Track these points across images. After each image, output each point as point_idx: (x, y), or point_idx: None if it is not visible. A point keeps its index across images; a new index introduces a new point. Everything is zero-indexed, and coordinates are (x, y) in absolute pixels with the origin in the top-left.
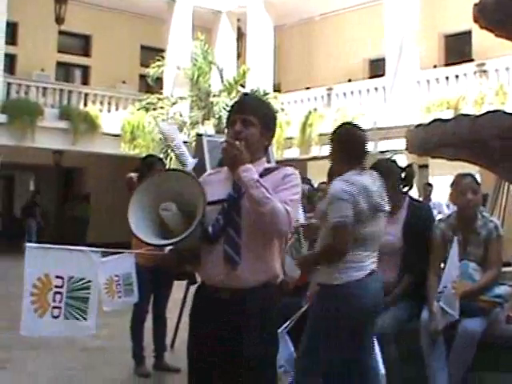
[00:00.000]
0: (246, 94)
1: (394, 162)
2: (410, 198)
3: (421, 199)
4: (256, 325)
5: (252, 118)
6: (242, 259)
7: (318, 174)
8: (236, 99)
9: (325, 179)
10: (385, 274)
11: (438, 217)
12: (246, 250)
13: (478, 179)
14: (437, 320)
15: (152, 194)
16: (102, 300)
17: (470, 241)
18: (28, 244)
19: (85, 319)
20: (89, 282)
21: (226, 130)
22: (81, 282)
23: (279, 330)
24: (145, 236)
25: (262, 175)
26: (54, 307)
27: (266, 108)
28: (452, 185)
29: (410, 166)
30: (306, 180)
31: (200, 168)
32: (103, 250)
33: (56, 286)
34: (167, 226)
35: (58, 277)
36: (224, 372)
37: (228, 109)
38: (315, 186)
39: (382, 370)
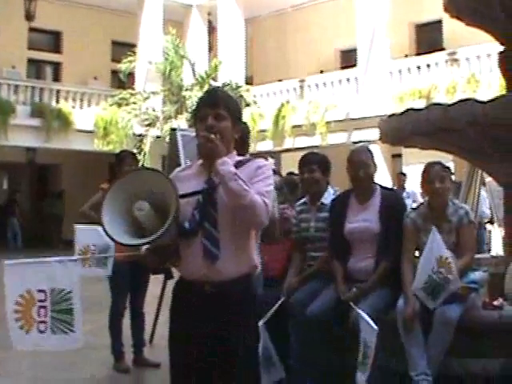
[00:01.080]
0: (213, 88)
1: (370, 151)
2: (381, 186)
3: (395, 188)
4: (238, 316)
5: (223, 111)
6: (222, 252)
7: (293, 165)
8: (204, 93)
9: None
10: (364, 261)
11: (413, 206)
12: (224, 243)
13: (452, 168)
14: (411, 306)
15: (124, 195)
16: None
17: (442, 228)
18: (6, 262)
19: (72, 331)
20: (69, 292)
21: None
22: (62, 293)
23: (259, 323)
24: (119, 236)
25: (235, 167)
26: (40, 322)
27: (234, 101)
28: (422, 174)
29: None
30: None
31: (175, 162)
32: (82, 257)
33: (39, 301)
34: (142, 225)
35: (40, 291)
36: (208, 364)
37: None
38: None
39: None
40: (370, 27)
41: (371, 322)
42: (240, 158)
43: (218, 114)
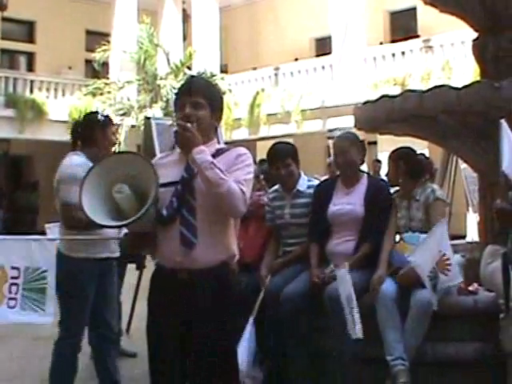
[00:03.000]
0: (192, 77)
1: (354, 138)
2: (368, 174)
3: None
4: (214, 304)
5: (201, 100)
6: (199, 240)
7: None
8: (182, 82)
9: None
10: (344, 244)
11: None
12: (201, 231)
13: (427, 154)
14: (383, 270)
15: (104, 177)
16: None
17: (411, 206)
18: None
19: (42, 309)
20: (45, 271)
21: (174, 114)
22: (37, 272)
23: (250, 318)
24: (98, 218)
25: (214, 156)
26: (10, 298)
27: (214, 89)
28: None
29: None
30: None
31: (150, 150)
32: (60, 238)
33: (12, 277)
34: (121, 208)
35: (13, 268)
36: (185, 353)
37: (175, 91)
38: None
39: None
40: (345, 15)
41: (347, 277)
42: (220, 146)
43: (196, 102)
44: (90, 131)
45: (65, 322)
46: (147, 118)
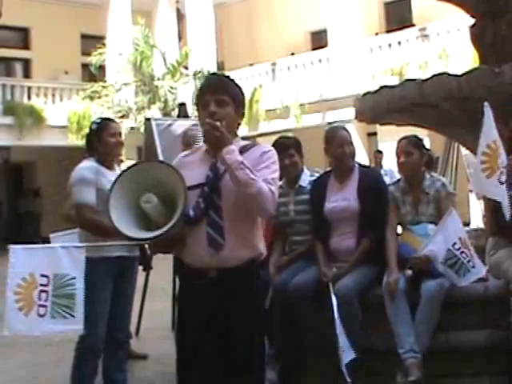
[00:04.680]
0: (212, 74)
1: (347, 130)
2: (359, 164)
3: (372, 166)
4: (244, 301)
5: (225, 97)
6: (226, 240)
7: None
8: (204, 80)
9: None
10: (346, 240)
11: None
12: (228, 232)
13: (427, 143)
14: (395, 275)
15: (129, 188)
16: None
17: (421, 201)
18: (12, 246)
19: (72, 316)
20: (73, 278)
21: (195, 113)
22: (66, 278)
23: None
24: (132, 232)
25: (240, 153)
26: (40, 305)
27: (235, 85)
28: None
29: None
30: None
31: (151, 151)
32: (86, 245)
33: (41, 285)
34: (149, 217)
35: (43, 275)
36: (213, 352)
37: (173, 91)
38: None
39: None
40: (339, 7)
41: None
42: (244, 142)
43: (221, 99)
44: (89, 140)
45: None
46: (147, 120)
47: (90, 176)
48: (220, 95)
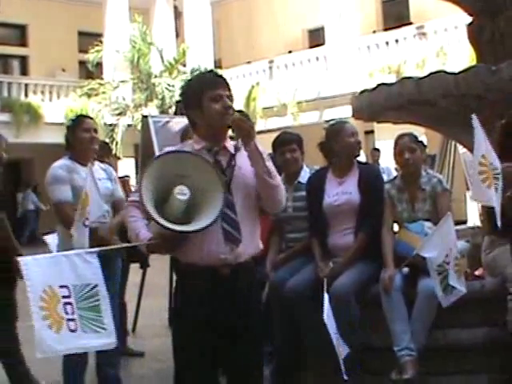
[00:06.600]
0: (210, 71)
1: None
2: (358, 161)
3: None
4: (251, 296)
5: (231, 94)
6: (242, 236)
7: (266, 147)
8: (207, 75)
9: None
10: (345, 237)
11: None
12: (242, 227)
13: (424, 141)
14: (390, 271)
15: (160, 174)
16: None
17: (417, 198)
18: (20, 258)
19: (103, 329)
20: (95, 287)
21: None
22: (86, 290)
23: None
24: (168, 222)
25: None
26: (69, 319)
27: None
28: (393, 146)
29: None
30: None
31: (148, 149)
32: (99, 249)
33: (63, 297)
34: (170, 208)
35: (62, 286)
36: (217, 349)
37: (170, 89)
38: None
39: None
40: (337, 5)
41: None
42: (233, 142)
43: (231, 96)
44: (66, 136)
45: None
46: (144, 117)
47: (63, 174)
48: (230, 92)
